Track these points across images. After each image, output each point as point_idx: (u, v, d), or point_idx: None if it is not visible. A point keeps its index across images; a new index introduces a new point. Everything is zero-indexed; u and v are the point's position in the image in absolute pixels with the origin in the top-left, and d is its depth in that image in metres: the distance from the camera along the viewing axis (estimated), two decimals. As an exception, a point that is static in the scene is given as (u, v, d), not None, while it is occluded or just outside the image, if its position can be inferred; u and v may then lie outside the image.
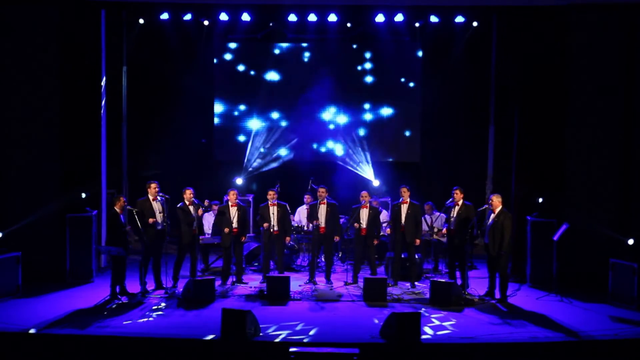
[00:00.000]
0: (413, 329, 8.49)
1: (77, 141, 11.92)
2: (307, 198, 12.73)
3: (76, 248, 11.60)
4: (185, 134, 15.12)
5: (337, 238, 11.61)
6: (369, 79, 15.67)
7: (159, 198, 10.98)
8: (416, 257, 11.49)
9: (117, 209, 10.48)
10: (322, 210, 11.39)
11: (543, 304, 10.51)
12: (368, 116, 15.69)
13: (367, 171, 15.32)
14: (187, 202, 11.22)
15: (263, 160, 15.68)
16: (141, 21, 13.86)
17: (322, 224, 11.36)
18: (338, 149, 15.62)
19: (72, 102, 11.86)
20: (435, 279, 10.78)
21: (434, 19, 13.13)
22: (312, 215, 11.44)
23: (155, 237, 10.91)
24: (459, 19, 13.08)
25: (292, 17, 12.93)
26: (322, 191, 11.49)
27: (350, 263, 11.95)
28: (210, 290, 10.42)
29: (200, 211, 11.20)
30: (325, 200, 11.44)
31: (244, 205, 11.85)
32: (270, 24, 14.54)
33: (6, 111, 11.73)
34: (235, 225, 11.25)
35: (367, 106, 15.69)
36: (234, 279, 11.38)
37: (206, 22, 14.11)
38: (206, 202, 11.72)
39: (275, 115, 15.75)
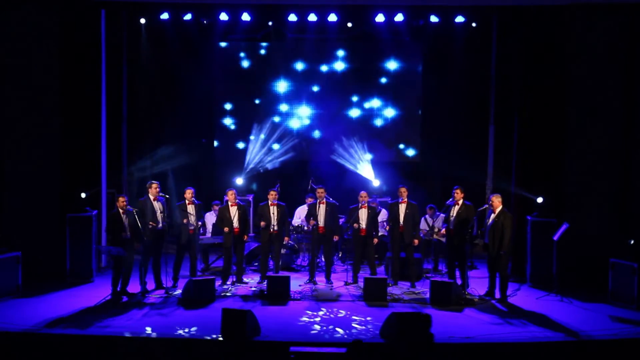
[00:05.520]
0: (413, 329, 8.48)
1: (77, 141, 11.92)
2: (309, 200, 12.71)
3: (76, 248, 11.60)
4: (185, 134, 15.11)
5: (336, 238, 11.61)
6: (369, 79, 15.65)
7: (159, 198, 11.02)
8: (415, 256, 11.47)
9: (118, 209, 10.48)
10: (321, 210, 11.40)
11: (543, 304, 10.52)
12: (368, 116, 15.68)
13: (367, 171, 15.31)
14: (187, 202, 11.23)
15: (263, 159, 15.67)
16: (142, 21, 13.87)
17: (321, 224, 11.37)
18: (338, 149, 15.60)
19: (72, 102, 11.87)
20: (435, 279, 10.79)
21: (434, 18, 13.12)
22: (311, 215, 11.44)
23: (155, 237, 10.92)
24: (459, 19, 13.08)
25: (292, 17, 12.93)
26: (320, 191, 11.49)
27: (350, 263, 11.95)
28: (210, 290, 10.43)
29: (185, 220, 11.14)
30: (324, 201, 11.44)
31: (244, 204, 11.85)
32: (270, 24, 14.54)
33: (6, 111, 11.74)
34: (236, 224, 11.25)
35: (367, 106, 15.69)
36: (234, 279, 11.38)
37: (206, 22, 14.11)
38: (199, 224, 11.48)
39: (275, 114, 15.73)
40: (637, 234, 10.89)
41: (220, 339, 8.56)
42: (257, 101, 15.73)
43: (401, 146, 15.79)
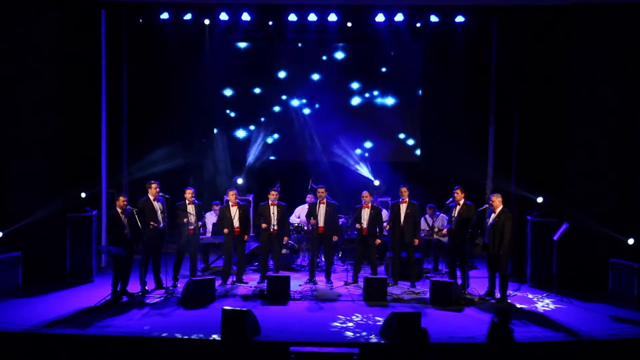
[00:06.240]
0: (413, 329, 8.48)
1: (77, 141, 11.93)
2: (309, 197, 12.73)
3: (76, 248, 11.60)
4: (185, 134, 15.10)
5: (335, 238, 11.61)
6: (368, 78, 15.66)
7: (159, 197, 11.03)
8: (415, 256, 11.46)
9: (117, 208, 10.49)
10: (322, 210, 11.40)
11: (543, 304, 10.51)
12: (368, 116, 15.68)
13: (367, 171, 15.31)
14: (187, 202, 11.23)
15: (263, 159, 15.68)
16: (141, 21, 13.86)
17: (321, 224, 11.36)
18: (338, 149, 15.60)
19: (72, 102, 11.87)
20: (435, 279, 10.79)
21: (434, 18, 13.13)
22: (311, 214, 11.45)
23: (155, 237, 10.92)
24: (459, 18, 13.08)
25: (292, 17, 12.93)
26: (321, 191, 11.50)
27: (350, 263, 11.95)
28: (210, 290, 10.43)
29: (185, 220, 11.15)
30: (324, 200, 11.44)
31: (244, 204, 11.85)
32: (270, 24, 14.54)
33: (6, 111, 11.74)
34: (236, 224, 11.25)
35: (367, 106, 15.68)
36: (234, 279, 11.38)
37: (207, 22, 14.11)
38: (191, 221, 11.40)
39: (275, 115, 15.74)
40: (637, 234, 10.89)
41: (220, 339, 8.56)
42: (257, 101, 15.73)
43: (401, 146, 15.78)
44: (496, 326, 7.45)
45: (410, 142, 15.83)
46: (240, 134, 15.86)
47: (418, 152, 15.78)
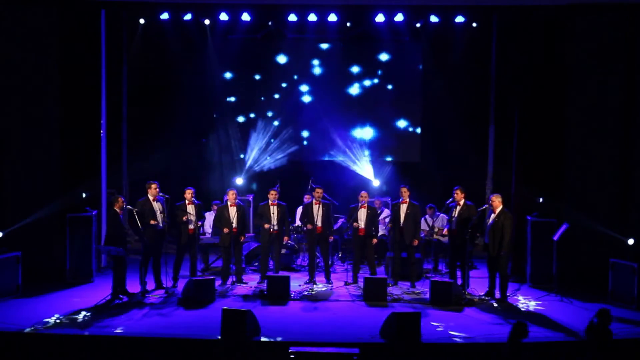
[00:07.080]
0: (413, 329, 8.49)
1: (77, 141, 11.92)
2: (307, 198, 12.73)
3: (76, 248, 11.59)
4: (185, 134, 15.11)
5: (331, 238, 11.59)
6: (369, 79, 15.66)
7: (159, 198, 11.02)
8: (415, 256, 11.46)
9: (116, 209, 10.49)
10: (319, 210, 11.37)
11: (543, 303, 10.51)
12: (368, 116, 15.68)
13: (367, 171, 15.31)
14: (187, 202, 11.23)
15: (263, 160, 15.68)
16: (141, 21, 13.87)
17: (319, 224, 11.35)
18: (338, 149, 15.60)
19: (72, 102, 11.87)
20: (435, 279, 10.79)
21: (434, 18, 13.12)
22: (306, 215, 11.43)
23: (155, 237, 10.92)
24: (459, 18, 13.07)
25: (292, 17, 12.93)
26: (319, 191, 11.48)
27: (350, 263, 11.95)
28: (210, 290, 10.43)
29: (185, 218, 11.15)
30: (320, 201, 11.42)
31: (243, 205, 11.85)
32: (270, 24, 14.53)
33: (6, 111, 11.74)
34: (234, 225, 11.25)
35: (367, 106, 15.68)
36: (234, 279, 11.38)
37: (207, 22, 14.11)
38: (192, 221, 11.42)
39: (275, 115, 15.74)
40: (637, 234, 10.89)
41: (220, 339, 8.56)
42: (257, 101, 15.76)
43: (401, 146, 15.78)
44: (596, 327, 7.36)
45: (410, 142, 15.81)
46: (241, 132, 15.84)
47: (418, 152, 15.76)
